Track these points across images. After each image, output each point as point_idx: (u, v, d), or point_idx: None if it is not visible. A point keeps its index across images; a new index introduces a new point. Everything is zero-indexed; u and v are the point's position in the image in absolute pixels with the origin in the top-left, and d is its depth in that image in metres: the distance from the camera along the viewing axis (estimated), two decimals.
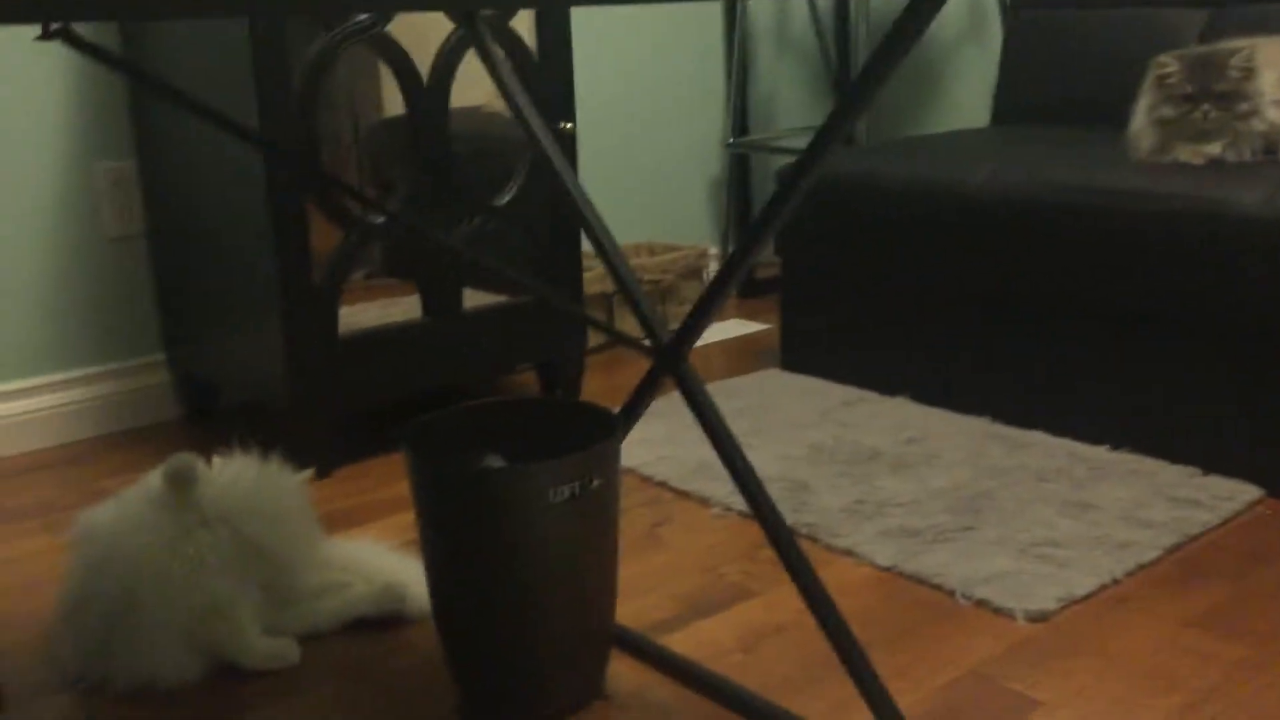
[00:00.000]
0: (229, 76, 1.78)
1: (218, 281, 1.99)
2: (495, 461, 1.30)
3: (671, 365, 1.19)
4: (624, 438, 1.33)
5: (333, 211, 1.86)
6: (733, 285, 1.14)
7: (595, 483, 1.17)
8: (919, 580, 1.50)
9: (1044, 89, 2.55)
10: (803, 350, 2.38)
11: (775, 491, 1.77)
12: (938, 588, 1.47)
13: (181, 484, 1.31)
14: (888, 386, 2.22)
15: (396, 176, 1.98)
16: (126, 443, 2.12)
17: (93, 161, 2.10)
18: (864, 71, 0.97)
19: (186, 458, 1.32)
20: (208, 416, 2.25)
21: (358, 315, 1.99)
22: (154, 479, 1.35)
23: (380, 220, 1.91)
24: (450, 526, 1.17)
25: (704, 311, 1.16)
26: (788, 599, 1.47)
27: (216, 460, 1.40)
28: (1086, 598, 1.44)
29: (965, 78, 3.01)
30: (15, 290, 2.07)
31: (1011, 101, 2.62)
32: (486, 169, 2.08)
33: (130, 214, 2.16)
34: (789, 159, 2.77)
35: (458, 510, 1.16)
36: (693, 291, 2.76)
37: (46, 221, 2.07)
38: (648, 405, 1.31)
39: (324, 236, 1.87)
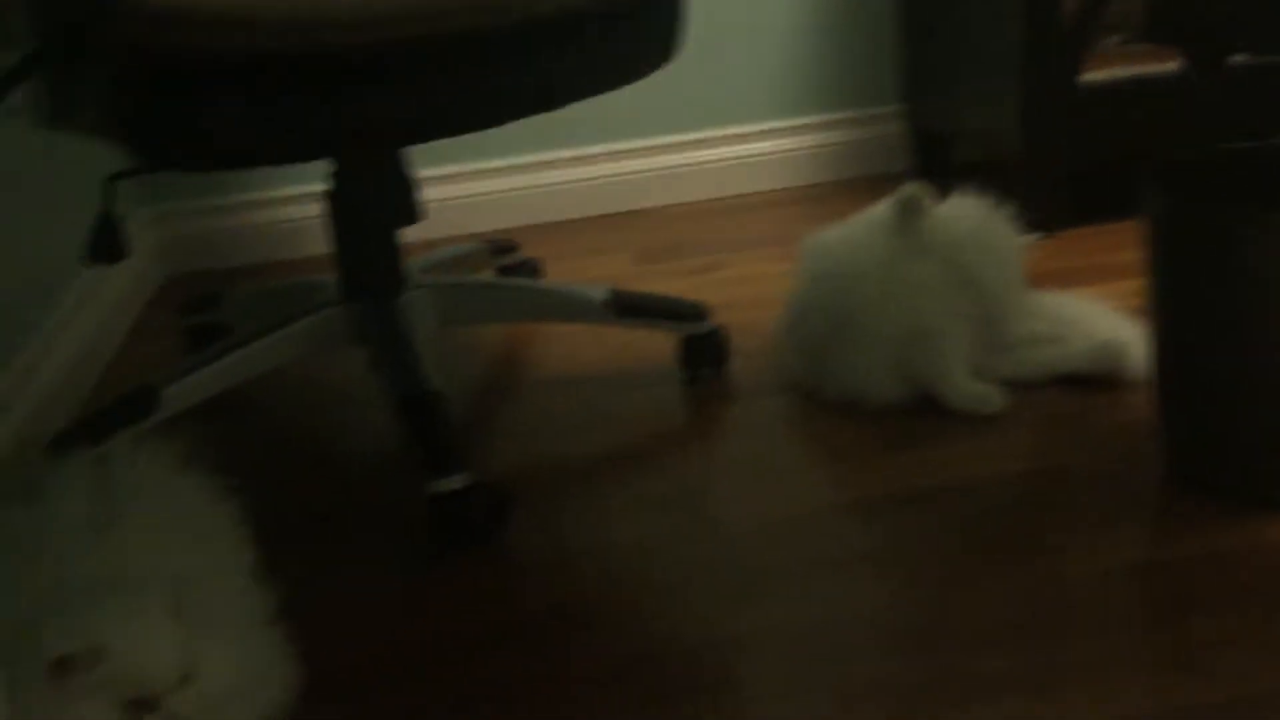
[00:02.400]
0: None
1: (959, 31, 1.94)
2: None
3: None
4: None
5: None
6: None
7: None
8: None
9: None
10: None
11: None
12: None
13: (909, 212, 1.34)
14: None
15: None
16: (857, 189, 2.20)
17: None
18: None
19: (917, 187, 1.35)
20: (938, 171, 2.25)
21: (1105, 76, 1.84)
22: (881, 208, 1.40)
23: None
24: (1188, 281, 1.05)
25: None
26: None
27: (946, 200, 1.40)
28: None
29: None
30: (769, 35, 2.19)
31: None
32: None
33: None
34: None
35: (1199, 262, 1.03)
36: None
37: None
38: None
39: None
